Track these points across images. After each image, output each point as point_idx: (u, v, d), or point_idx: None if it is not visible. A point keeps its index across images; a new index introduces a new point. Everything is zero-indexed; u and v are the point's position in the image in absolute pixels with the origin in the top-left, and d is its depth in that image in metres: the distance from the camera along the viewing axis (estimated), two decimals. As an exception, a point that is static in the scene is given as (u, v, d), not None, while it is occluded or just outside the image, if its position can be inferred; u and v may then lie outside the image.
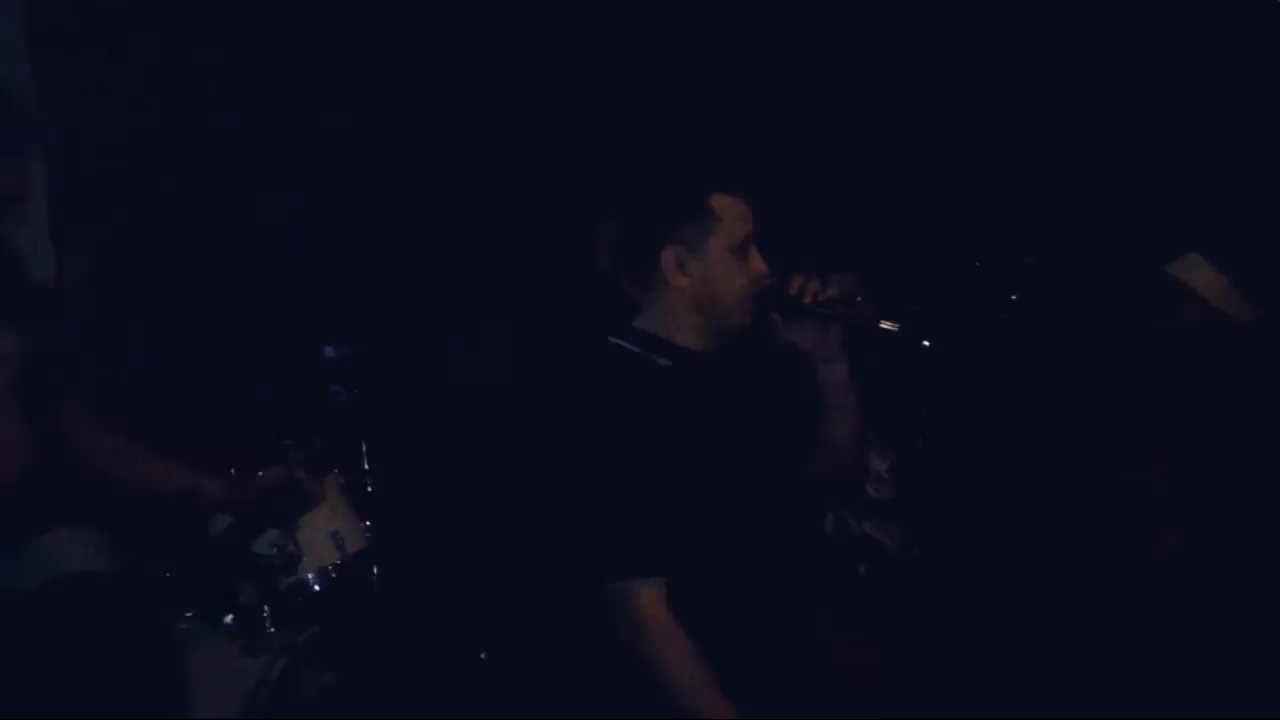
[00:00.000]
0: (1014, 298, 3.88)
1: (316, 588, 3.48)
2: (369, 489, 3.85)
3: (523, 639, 3.85)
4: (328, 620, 3.47)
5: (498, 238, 4.43)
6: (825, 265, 2.68)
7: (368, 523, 3.69)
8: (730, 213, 2.66)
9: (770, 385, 2.80)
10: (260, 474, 2.99)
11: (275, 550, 3.36)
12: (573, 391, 2.74)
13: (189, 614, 3.23)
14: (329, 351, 4.00)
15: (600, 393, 2.69)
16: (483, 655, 3.85)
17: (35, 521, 1.50)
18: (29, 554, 1.47)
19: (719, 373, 2.71)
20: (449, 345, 4.47)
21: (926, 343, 2.65)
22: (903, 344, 2.69)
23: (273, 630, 3.34)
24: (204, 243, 4.10)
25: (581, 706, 2.72)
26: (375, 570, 3.79)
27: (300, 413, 3.90)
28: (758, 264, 2.68)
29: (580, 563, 2.64)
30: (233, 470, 3.03)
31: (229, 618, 3.34)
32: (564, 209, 4.10)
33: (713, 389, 2.68)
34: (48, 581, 1.45)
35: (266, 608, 3.36)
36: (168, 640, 1.59)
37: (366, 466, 3.87)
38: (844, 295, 2.64)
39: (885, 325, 2.63)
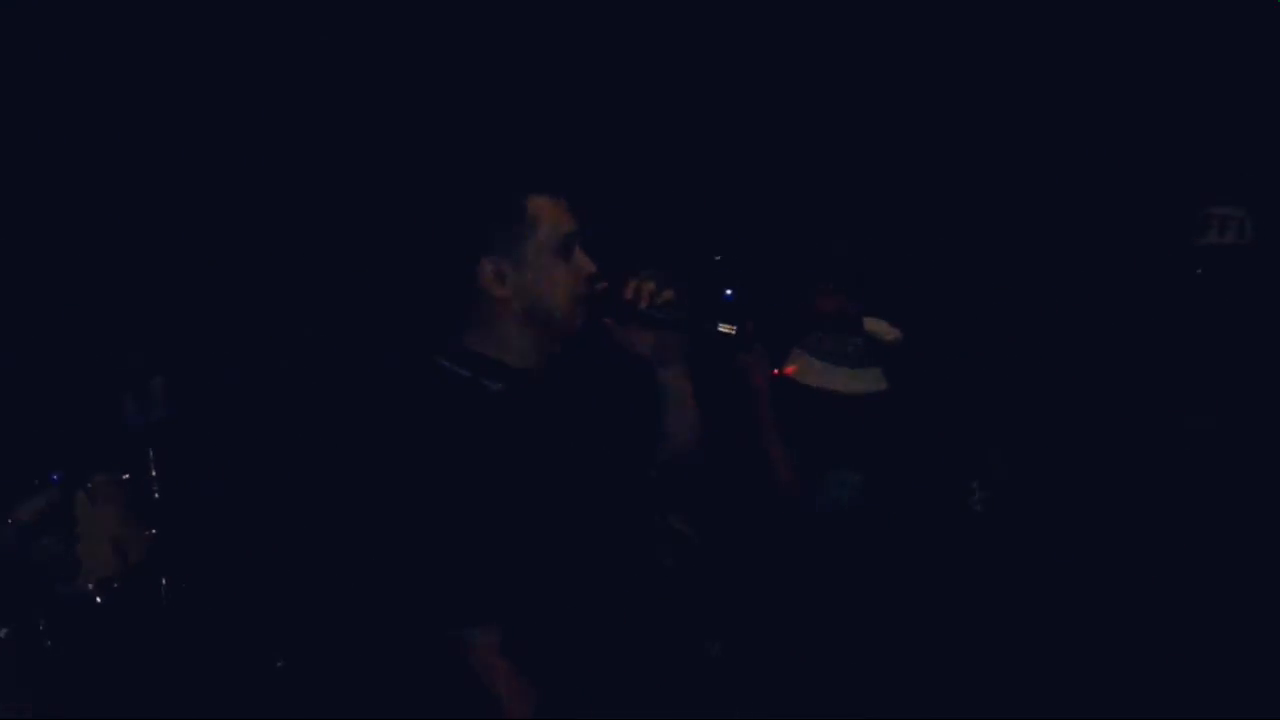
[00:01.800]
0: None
1: (98, 599, 3.34)
2: (156, 495, 3.72)
3: (323, 655, 3.76)
4: (111, 631, 3.35)
5: (311, 249, 4.33)
6: (657, 269, 2.64)
7: (153, 531, 3.55)
8: (547, 213, 2.57)
9: (604, 389, 2.74)
10: None
11: (51, 559, 3.22)
12: (396, 418, 2.64)
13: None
14: (133, 359, 3.88)
15: (426, 421, 2.57)
16: (278, 664, 3.74)
17: None
18: None
19: (552, 390, 2.62)
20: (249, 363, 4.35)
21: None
22: (740, 346, 2.68)
23: (49, 643, 3.21)
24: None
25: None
26: (164, 581, 3.66)
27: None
28: (584, 263, 2.60)
29: (402, 601, 2.56)
30: None
31: (2, 631, 3.20)
32: (381, 221, 4.04)
33: (546, 410, 2.60)
34: None
35: (43, 620, 3.22)
36: None
37: (154, 473, 3.73)
38: (679, 299, 2.60)
39: (723, 328, 2.58)
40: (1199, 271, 3.39)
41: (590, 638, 2.50)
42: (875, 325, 3.49)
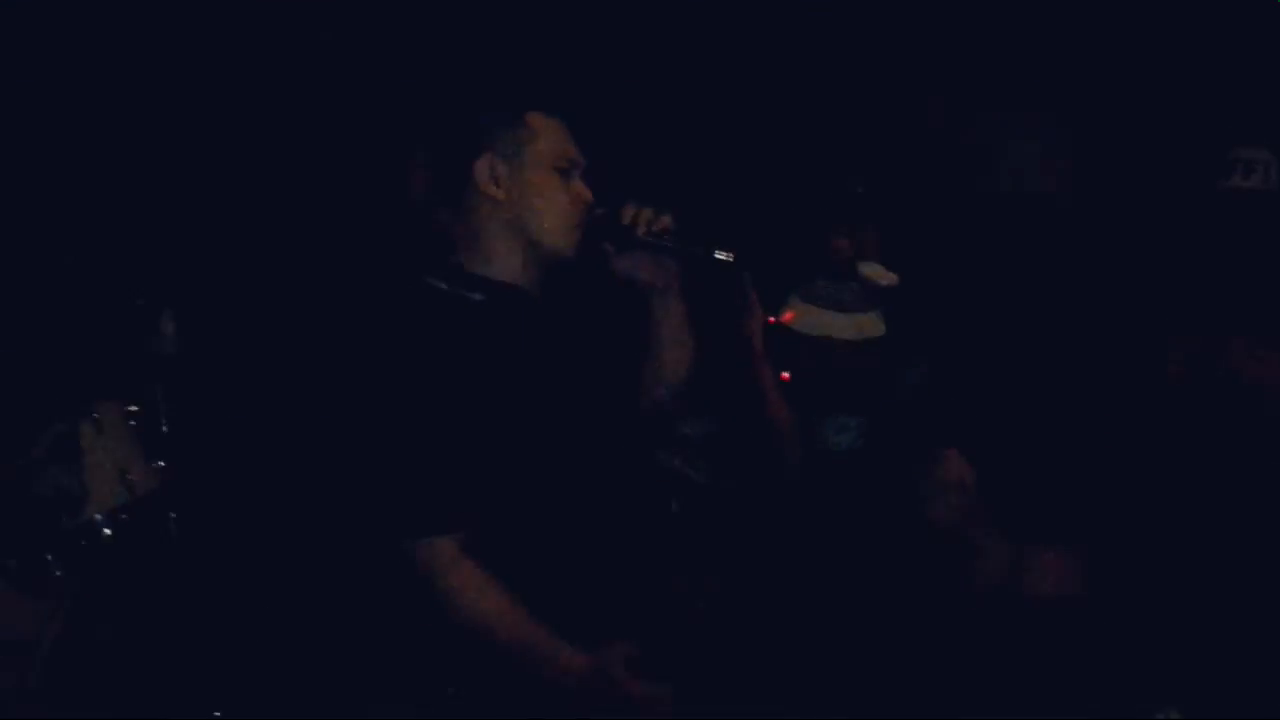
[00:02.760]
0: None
1: (106, 530, 3.34)
2: (164, 428, 3.69)
3: (318, 587, 3.75)
4: (119, 565, 3.34)
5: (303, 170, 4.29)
6: (653, 197, 2.61)
7: (161, 463, 3.55)
8: (549, 131, 2.58)
9: (599, 317, 2.73)
10: None
11: (57, 490, 3.21)
12: (373, 331, 2.63)
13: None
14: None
15: (402, 331, 2.57)
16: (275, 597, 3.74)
17: None
18: None
19: (539, 306, 2.61)
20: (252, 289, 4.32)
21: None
22: (735, 274, 2.69)
23: (59, 574, 3.20)
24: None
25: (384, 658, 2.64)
26: (172, 514, 3.64)
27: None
28: (582, 191, 2.60)
29: (383, 511, 2.52)
30: None
31: (12, 562, 3.19)
32: (376, 141, 3.99)
33: (531, 323, 2.58)
34: None
35: (50, 551, 3.21)
36: None
37: (161, 405, 3.71)
38: (675, 226, 2.57)
39: (720, 255, 2.56)
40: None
41: (562, 560, 2.48)
42: (871, 269, 3.46)
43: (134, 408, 3.52)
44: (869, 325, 3.41)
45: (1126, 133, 4.29)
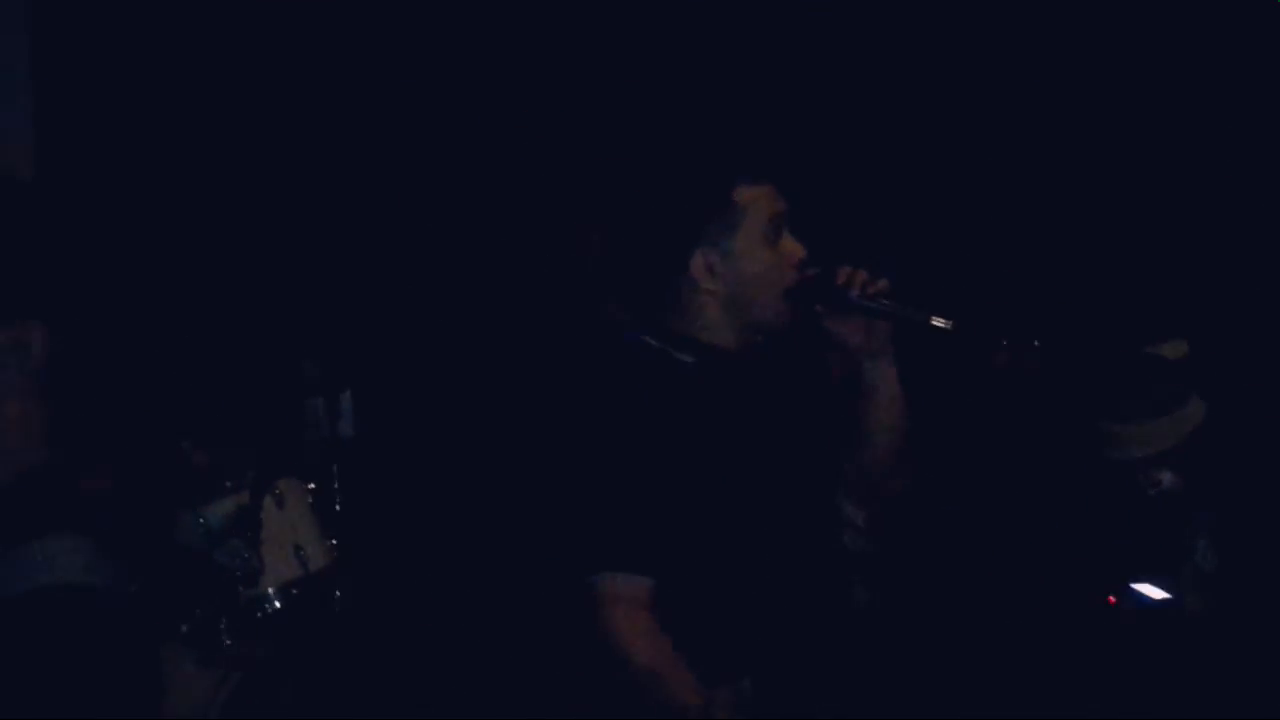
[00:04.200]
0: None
1: (277, 604, 3.42)
2: (337, 507, 3.79)
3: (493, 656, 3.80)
4: (287, 637, 3.42)
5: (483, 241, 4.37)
6: (869, 258, 2.51)
7: (334, 541, 3.64)
8: (754, 201, 2.51)
9: (807, 382, 2.64)
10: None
11: (238, 561, 3.31)
12: (573, 385, 2.66)
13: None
14: (309, 368, 3.97)
15: (606, 385, 2.56)
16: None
17: (30, 525, 1.44)
18: (19, 558, 1.41)
19: (748, 370, 2.56)
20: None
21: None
22: (956, 343, 2.55)
23: (229, 643, 3.29)
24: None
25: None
26: (338, 591, 3.72)
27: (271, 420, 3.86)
28: (792, 248, 2.52)
29: (566, 559, 2.52)
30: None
31: (184, 627, 3.29)
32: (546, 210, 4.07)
33: (739, 386, 2.54)
34: (33, 590, 1.39)
35: (224, 619, 3.30)
36: (146, 658, 1.52)
37: (337, 485, 3.81)
38: (891, 289, 2.46)
39: (938, 322, 2.44)
40: None
41: (732, 625, 2.41)
42: (1172, 348, 3.15)
43: (312, 486, 3.63)
44: (1195, 412, 3.16)
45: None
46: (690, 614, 2.41)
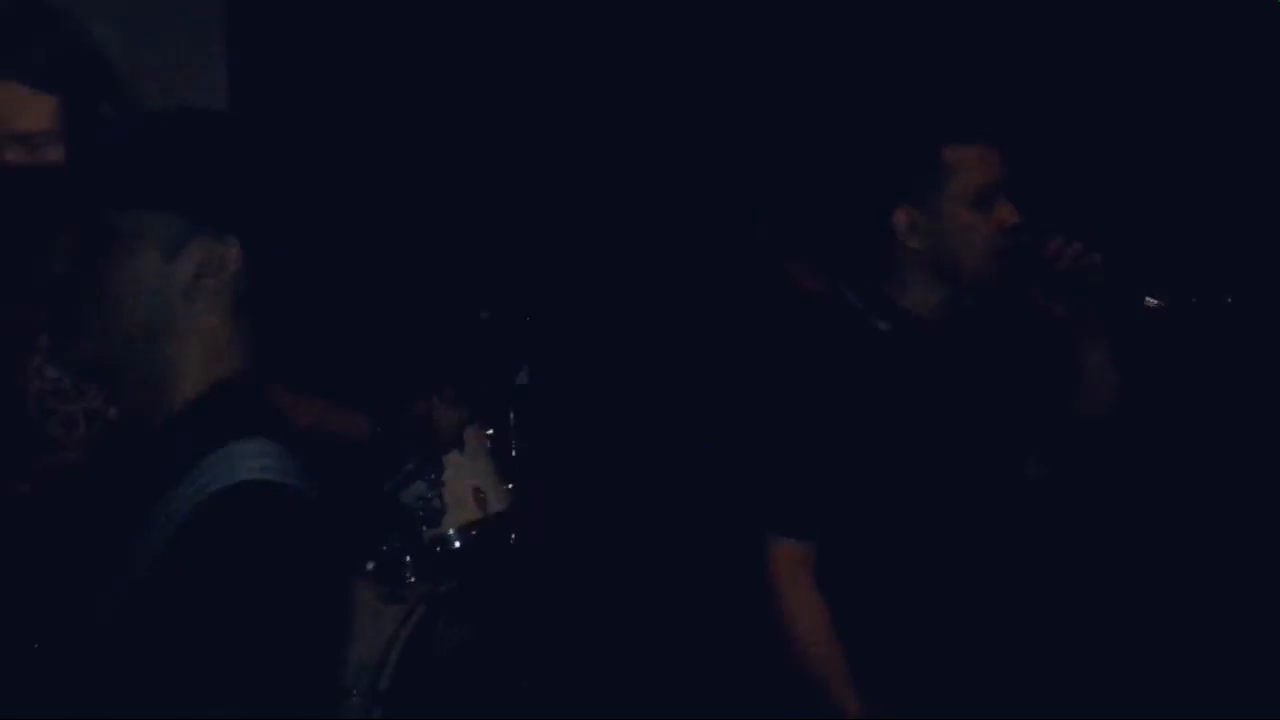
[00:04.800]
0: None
1: (457, 543, 3.57)
2: (513, 452, 3.92)
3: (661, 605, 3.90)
4: (466, 575, 3.57)
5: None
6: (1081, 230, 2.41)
7: (510, 485, 3.77)
8: (965, 163, 2.43)
9: (1006, 355, 2.57)
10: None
11: (421, 502, 3.47)
12: (758, 344, 2.73)
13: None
14: (484, 315, 4.07)
15: (793, 348, 2.58)
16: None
17: (227, 431, 1.55)
18: (218, 458, 1.52)
19: (944, 341, 2.51)
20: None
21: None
22: (1168, 324, 2.40)
23: (412, 580, 3.45)
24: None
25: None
26: (513, 532, 3.86)
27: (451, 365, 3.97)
28: (1005, 214, 2.43)
29: (738, 515, 2.59)
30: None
31: (371, 565, 3.45)
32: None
33: (931, 359, 2.50)
34: (236, 484, 1.49)
35: (409, 558, 3.46)
36: (339, 569, 1.62)
37: (513, 427, 3.94)
38: (1101, 264, 2.36)
39: (1150, 301, 2.33)
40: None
41: (895, 599, 2.43)
42: None
43: (490, 432, 3.77)
44: None
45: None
46: (854, 585, 2.45)
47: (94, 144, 1.65)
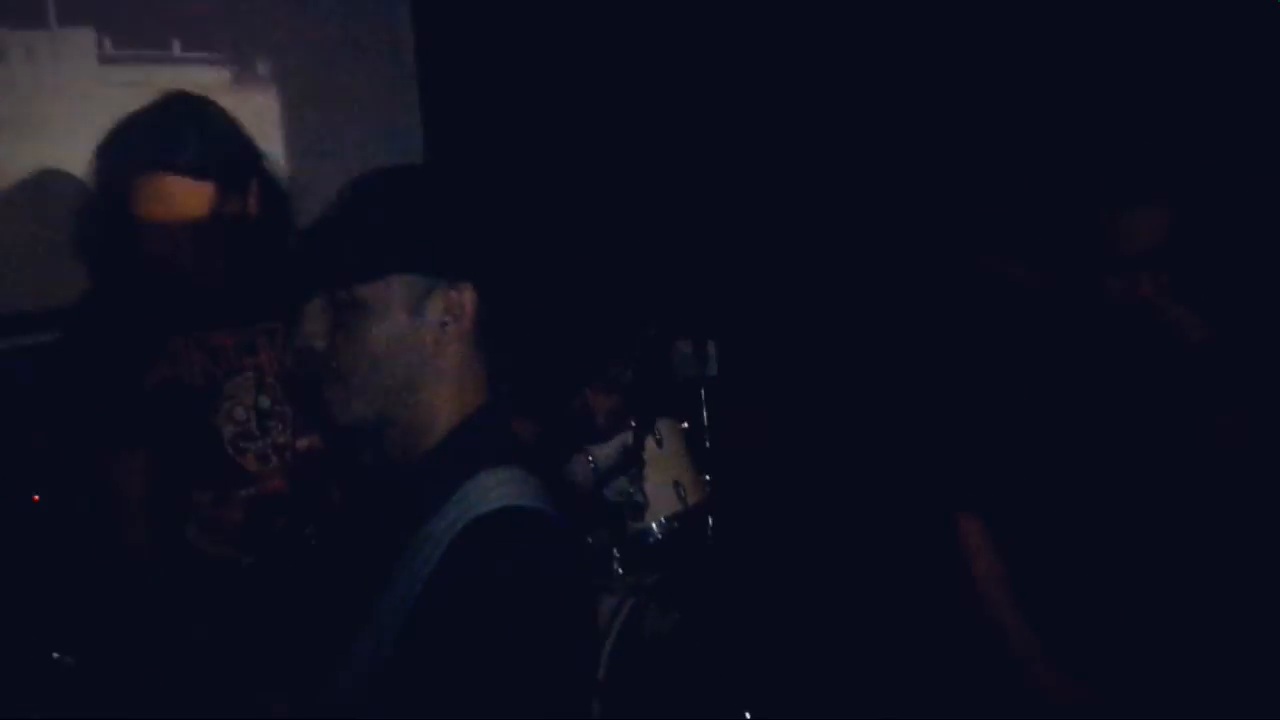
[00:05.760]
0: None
1: (660, 535, 3.69)
2: (707, 444, 4.02)
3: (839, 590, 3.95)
4: (670, 566, 3.68)
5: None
6: None
7: (707, 477, 3.88)
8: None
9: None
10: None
11: (624, 497, 3.59)
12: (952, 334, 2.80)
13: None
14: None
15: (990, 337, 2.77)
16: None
17: (477, 459, 1.68)
18: (476, 485, 1.65)
19: (1126, 332, 2.58)
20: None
21: None
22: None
23: (620, 572, 3.58)
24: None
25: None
26: (710, 522, 3.96)
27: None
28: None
29: (930, 497, 2.74)
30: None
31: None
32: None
33: (1115, 348, 2.58)
34: (495, 509, 1.62)
35: (616, 551, 3.59)
36: (588, 579, 1.75)
37: (706, 422, 4.04)
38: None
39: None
40: None
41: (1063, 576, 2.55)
42: None
43: (685, 425, 3.88)
44: None
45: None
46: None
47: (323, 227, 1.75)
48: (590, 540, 3.59)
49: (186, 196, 2.38)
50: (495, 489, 1.61)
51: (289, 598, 1.85)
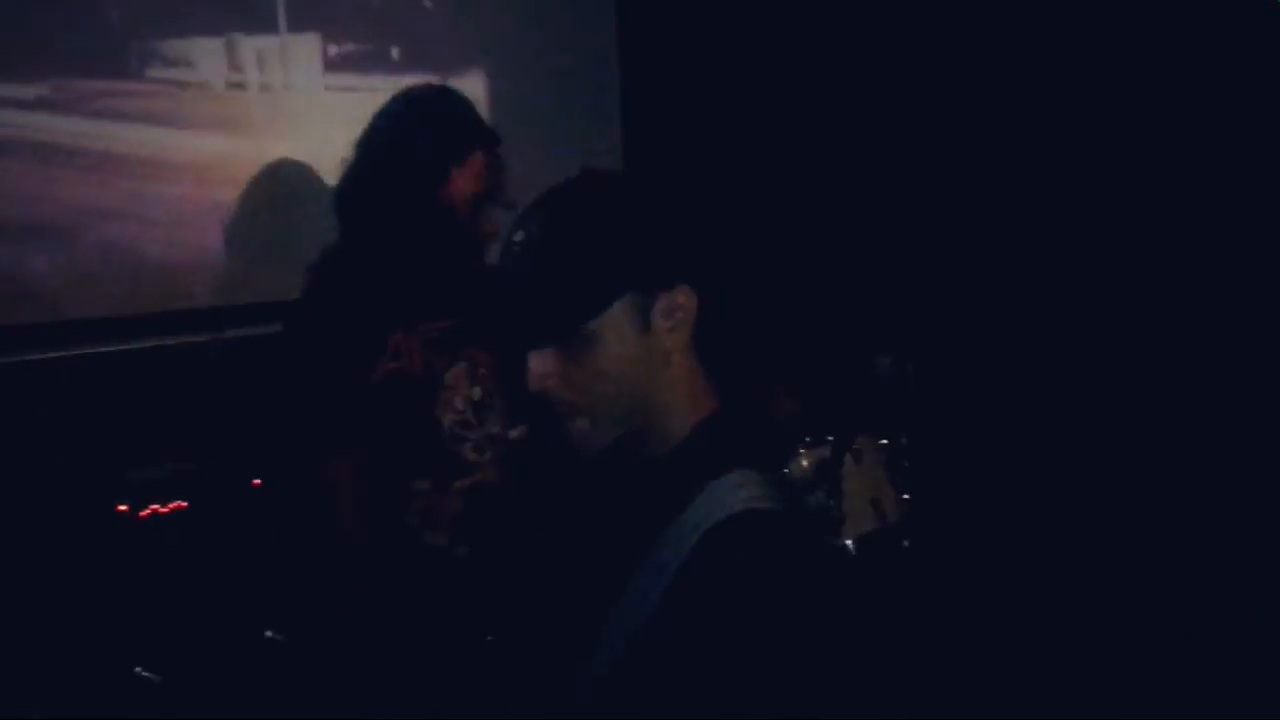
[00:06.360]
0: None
1: (854, 552, 3.64)
2: (906, 463, 3.96)
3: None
4: (866, 582, 3.63)
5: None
6: None
7: (906, 496, 3.82)
8: None
9: None
10: None
11: (821, 512, 3.56)
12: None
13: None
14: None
15: None
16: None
17: (716, 462, 1.69)
18: (722, 486, 1.65)
19: None
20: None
21: None
22: None
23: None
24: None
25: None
26: (906, 543, 3.90)
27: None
28: None
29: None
30: None
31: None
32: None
33: None
34: (740, 511, 1.62)
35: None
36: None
37: (905, 442, 3.98)
38: None
39: None
40: None
41: None
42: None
43: (884, 442, 3.83)
44: None
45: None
46: None
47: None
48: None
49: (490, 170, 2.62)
50: (735, 491, 1.60)
51: (510, 591, 1.88)
